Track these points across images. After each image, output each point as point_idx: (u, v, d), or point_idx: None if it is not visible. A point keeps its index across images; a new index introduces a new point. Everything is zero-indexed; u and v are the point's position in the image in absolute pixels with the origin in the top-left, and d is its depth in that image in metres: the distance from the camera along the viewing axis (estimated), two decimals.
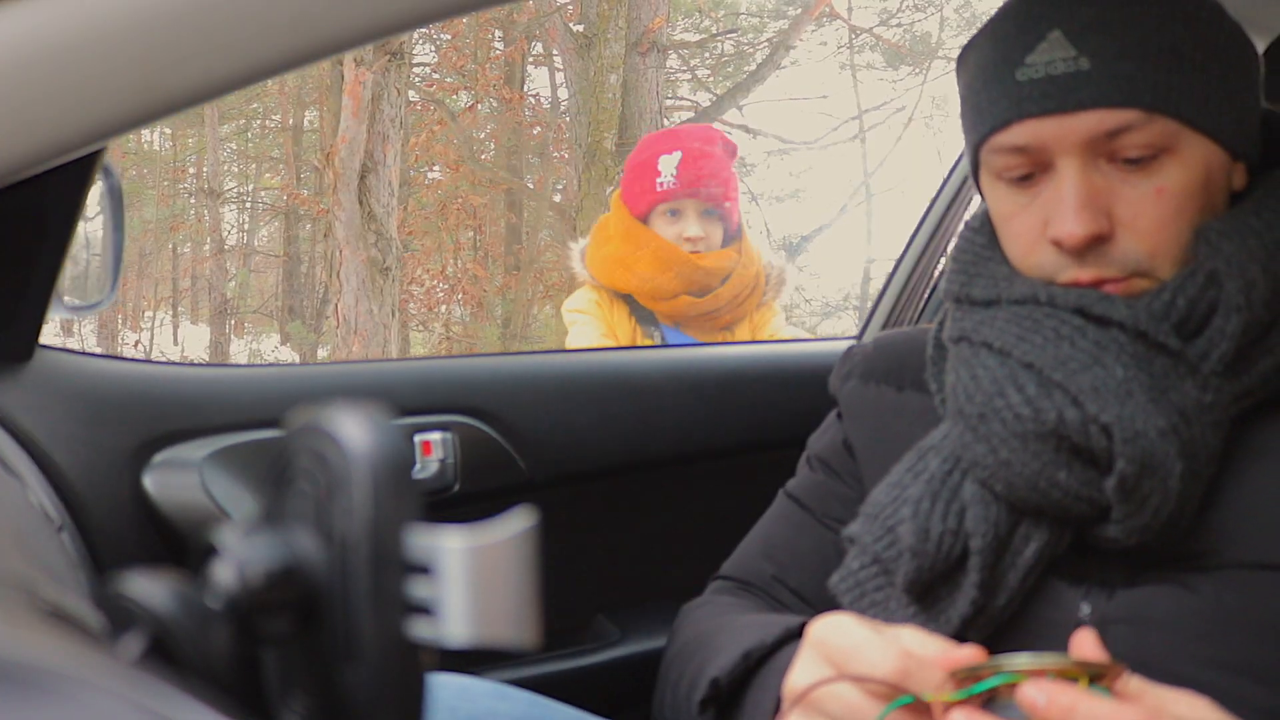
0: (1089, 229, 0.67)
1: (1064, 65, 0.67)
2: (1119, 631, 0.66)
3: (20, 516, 0.57)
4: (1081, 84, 0.67)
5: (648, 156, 1.79)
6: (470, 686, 0.87)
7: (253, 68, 0.56)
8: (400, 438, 0.34)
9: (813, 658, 0.59)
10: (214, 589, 0.34)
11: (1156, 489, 0.64)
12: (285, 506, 0.36)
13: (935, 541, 0.69)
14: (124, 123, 0.56)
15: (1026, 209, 0.72)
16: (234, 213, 12.29)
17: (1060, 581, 0.69)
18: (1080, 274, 0.69)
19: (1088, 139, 0.68)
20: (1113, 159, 0.68)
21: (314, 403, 0.36)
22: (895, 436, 0.82)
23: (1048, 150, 0.69)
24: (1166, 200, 0.67)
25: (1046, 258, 0.71)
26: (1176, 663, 0.63)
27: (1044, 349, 0.67)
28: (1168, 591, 0.66)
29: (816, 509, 0.88)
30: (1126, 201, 0.68)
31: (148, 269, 11.67)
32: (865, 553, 0.73)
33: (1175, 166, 0.68)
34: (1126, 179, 0.68)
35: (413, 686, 0.34)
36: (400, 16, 0.58)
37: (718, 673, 0.69)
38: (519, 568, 0.33)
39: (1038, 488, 0.66)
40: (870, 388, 0.87)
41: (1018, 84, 0.69)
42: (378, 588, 0.33)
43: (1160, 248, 0.68)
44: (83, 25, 0.53)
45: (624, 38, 5.27)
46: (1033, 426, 0.66)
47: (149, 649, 0.32)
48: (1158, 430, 0.64)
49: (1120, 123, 0.67)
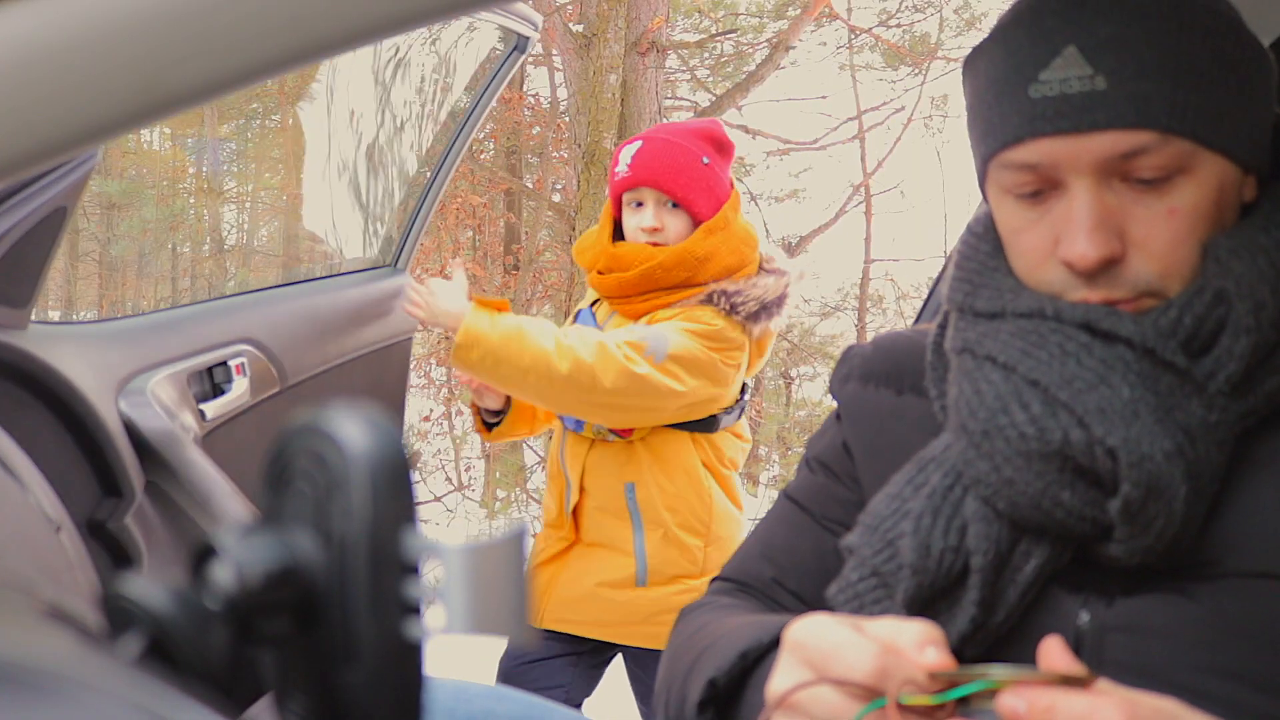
0: (1102, 252, 0.66)
1: (1079, 84, 0.66)
2: (1118, 640, 0.66)
3: (20, 517, 0.57)
4: (1097, 104, 0.65)
5: (620, 146, 1.79)
6: (467, 687, 0.88)
7: (253, 67, 0.56)
8: (400, 438, 0.34)
9: (792, 661, 0.58)
10: (213, 590, 0.34)
11: (1161, 511, 0.63)
12: (284, 507, 0.36)
13: (936, 559, 0.68)
14: (123, 122, 0.56)
15: (1036, 225, 0.70)
16: (233, 212, 12.26)
17: (1059, 590, 0.69)
18: (1090, 294, 0.68)
19: (1102, 160, 0.66)
20: (1126, 179, 0.67)
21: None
22: (893, 441, 0.81)
23: (1059, 169, 0.68)
24: (1179, 220, 0.66)
25: (1056, 276, 0.70)
26: (1176, 671, 0.63)
27: (1049, 366, 0.67)
28: (1167, 600, 0.65)
29: (815, 511, 0.88)
30: (1139, 222, 0.67)
31: (147, 268, 11.64)
32: (864, 565, 0.73)
33: (1189, 186, 0.66)
34: (1139, 199, 0.67)
35: (411, 686, 0.34)
36: (400, 16, 0.58)
37: (714, 673, 0.69)
38: (515, 567, 0.33)
39: (1041, 507, 0.66)
40: (869, 390, 0.86)
41: (1031, 101, 0.68)
42: (376, 588, 0.33)
43: (1172, 268, 0.67)
44: (82, 24, 0.53)
45: (624, 38, 5.27)
46: (1037, 446, 0.65)
47: (148, 649, 0.32)
48: (1164, 453, 0.63)
49: (1136, 145, 0.65)
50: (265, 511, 0.37)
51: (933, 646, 0.55)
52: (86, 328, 1.32)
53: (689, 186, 1.70)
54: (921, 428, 0.79)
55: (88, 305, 8.41)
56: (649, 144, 1.72)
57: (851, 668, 0.54)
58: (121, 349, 1.33)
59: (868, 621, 0.58)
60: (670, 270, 1.67)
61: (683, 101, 8.21)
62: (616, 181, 1.73)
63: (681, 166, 1.70)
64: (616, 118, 5.30)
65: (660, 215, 1.70)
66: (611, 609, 1.69)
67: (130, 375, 1.32)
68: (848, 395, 0.89)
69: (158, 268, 11.52)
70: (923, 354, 0.83)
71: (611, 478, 1.69)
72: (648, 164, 1.69)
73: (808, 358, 8.57)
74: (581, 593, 1.70)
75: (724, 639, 0.71)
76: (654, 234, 1.69)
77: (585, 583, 1.71)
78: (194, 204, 9.55)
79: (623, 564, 1.69)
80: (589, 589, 1.70)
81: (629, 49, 5.33)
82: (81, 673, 0.26)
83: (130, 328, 1.38)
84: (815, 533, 0.87)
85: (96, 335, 1.32)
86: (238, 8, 0.55)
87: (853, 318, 8.88)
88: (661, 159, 1.70)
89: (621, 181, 1.71)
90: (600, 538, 1.71)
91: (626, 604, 1.69)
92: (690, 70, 7.97)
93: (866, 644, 0.55)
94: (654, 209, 1.70)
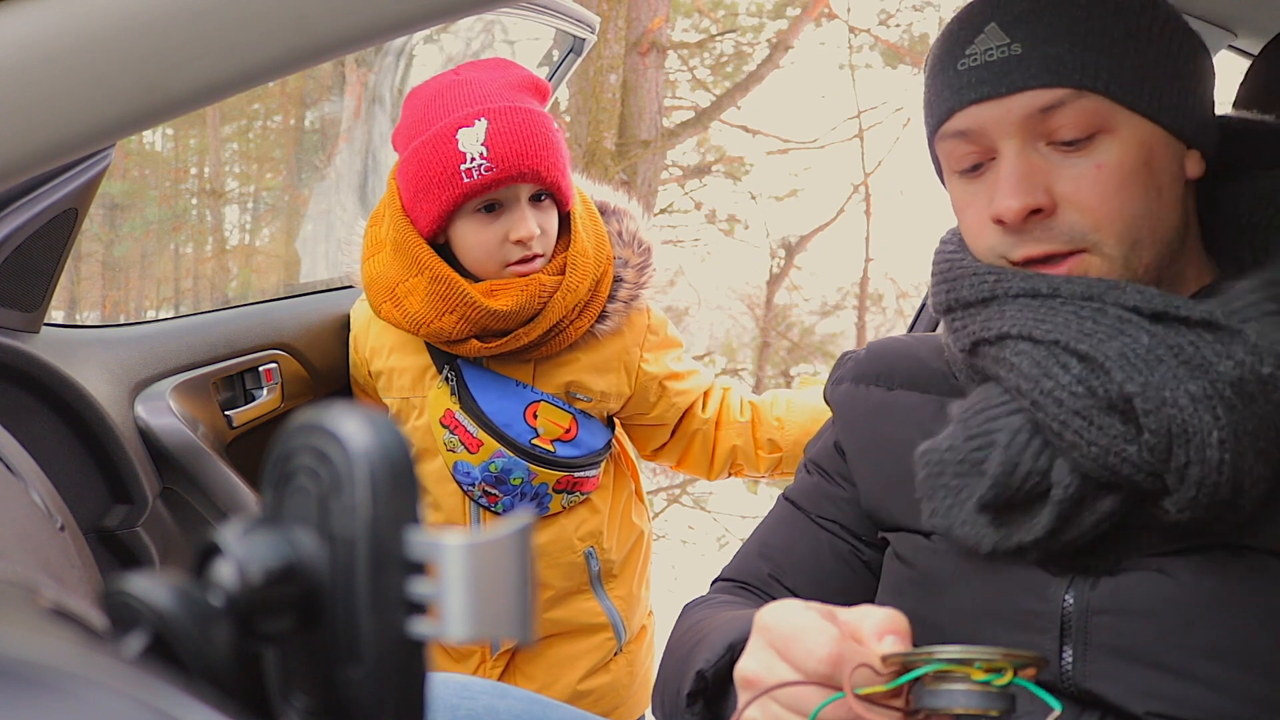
0: (1024, 202, 0.70)
1: (999, 52, 0.71)
2: (1103, 622, 0.67)
3: (23, 516, 0.57)
4: (1014, 67, 0.70)
5: (438, 131, 1.19)
6: (470, 684, 0.88)
7: (255, 69, 0.57)
8: (402, 437, 0.34)
9: (759, 642, 0.59)
10: (215, 587, 0.34)
11: (1194, 459, 0.63)
12: (286, 505, 0.36)
13: (1020, 477, 0.69)
14: (127, 124, 0.56)
15: (976, 197, 0.75)
16: (236, 213, 12.26)
17: (1043, 573, 0.70)
18: (1030, 250, 0.72)
19: (1023, 119, 0.70)
20: (1052, 141, 0.71)
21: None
22: (885, 434, 0.84)
23: (988, 135, 0.72)
24: (1106, 175, 0.70)
25: (994, 238, 0.73)
26: (1162, 652, 0.64)
27: (1067, 326, 0.68)
28: (1146, 579, 0.66)
29: (811, 510, 0.90)
30: (1066, 179, 0.70)
31: (150, 269, 11.64)
32: (957, 446, 0.73)
33: (1113, 145, 0.70)
34: (1066, 159, 0.71)
35: (413, 685, 0.34)
36: (401, 18, 0.58)
37: (703, 665, 0.70)
38: (518, 565, 0.33)
39: (1105, 463, 0.66)
40: (861, 389, 0.89)
41: (958, 73, 0.73)
42: (378, 586, 0.33)
43: (1104, 222, 0.70)
44: (86, 27, 0.54)
45: (624, 38, 5.27)
46: (1087, 402, 0.66)
47: (150, 647, 0.32)
48: (1189, 395, 0.63)
49: (1051, 100, 0.69)
50: (267, 509, 0.37)
51: (893, 635, 0.55)
52: (103, 332, 1.31)
53: (562, 167, 1.25)
54: (912, 420, 0.81)
55: (90, 306, 8.42)
56: (498, 116, 1.18)
57: (809, 652, 0.55)
58: (140, 354, 1.31)
59: (839, 610, 0.58)
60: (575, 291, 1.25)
61: (683, 101, 8.21)
62: (470, 183, 1.17)
63: (553, 140, 1.23)
64: (616, 118, 5.30)
65: (539, 215, 1.24)
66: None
67: (148, 380, 1.30)
68: (840, 396, 0.91)
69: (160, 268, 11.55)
70: (916, 355, 0.86)
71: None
72: (515, 146, 1.18)
73: (808, 356, 8.57)
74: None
75: (715, 632, 0.73)
76: (531, 244, 1.23)
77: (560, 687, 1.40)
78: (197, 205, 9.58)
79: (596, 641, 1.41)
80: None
81: (629, 49, 5.33)
82: (84, 669, 0.26)
83: (151, 332, 1.36)
84: (811, 531, 0.89)
85: (114, 340, 1.31)
86: (240, 10, 0.55)
87: (852, 316, 8.88)
88: (526, 133, 1.19)
89: (481, 181, 1.17)
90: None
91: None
92: (690, 70, 7.96)
93: (827, 629, 0.55)
94: (528, 209, 1.23)
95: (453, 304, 1.22)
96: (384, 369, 1.37)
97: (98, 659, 0.27)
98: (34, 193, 1.07)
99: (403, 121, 1.27)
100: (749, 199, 7.65)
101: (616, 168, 5.52)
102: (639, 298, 1.34)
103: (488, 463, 1.31)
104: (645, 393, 1.38)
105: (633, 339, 1.36)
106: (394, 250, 1.27)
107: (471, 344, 1.26)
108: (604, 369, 1.34)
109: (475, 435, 1.30)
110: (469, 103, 1.20)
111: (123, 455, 1.21)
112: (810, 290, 8.36)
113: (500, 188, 1.20)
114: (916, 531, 0.79)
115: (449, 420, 1.31)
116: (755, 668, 0.58)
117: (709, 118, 7.08)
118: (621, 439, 1.49)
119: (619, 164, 5.57)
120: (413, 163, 1.23)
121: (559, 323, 1.27)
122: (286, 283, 9.85)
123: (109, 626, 0.34)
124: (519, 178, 1.20)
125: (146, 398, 1.28)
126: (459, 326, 1.23)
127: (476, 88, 1.22)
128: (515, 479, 1.32)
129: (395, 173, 1.29)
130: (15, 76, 0.54)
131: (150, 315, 13.58)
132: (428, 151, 1.20)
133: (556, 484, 1.34)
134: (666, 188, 6.95)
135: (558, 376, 1.32)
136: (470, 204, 1.22)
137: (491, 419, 1.30)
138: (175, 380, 1.32)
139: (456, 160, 1.18)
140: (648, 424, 1.44)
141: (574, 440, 1.34)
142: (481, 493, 1.33)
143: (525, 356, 1.30)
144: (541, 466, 1.32)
